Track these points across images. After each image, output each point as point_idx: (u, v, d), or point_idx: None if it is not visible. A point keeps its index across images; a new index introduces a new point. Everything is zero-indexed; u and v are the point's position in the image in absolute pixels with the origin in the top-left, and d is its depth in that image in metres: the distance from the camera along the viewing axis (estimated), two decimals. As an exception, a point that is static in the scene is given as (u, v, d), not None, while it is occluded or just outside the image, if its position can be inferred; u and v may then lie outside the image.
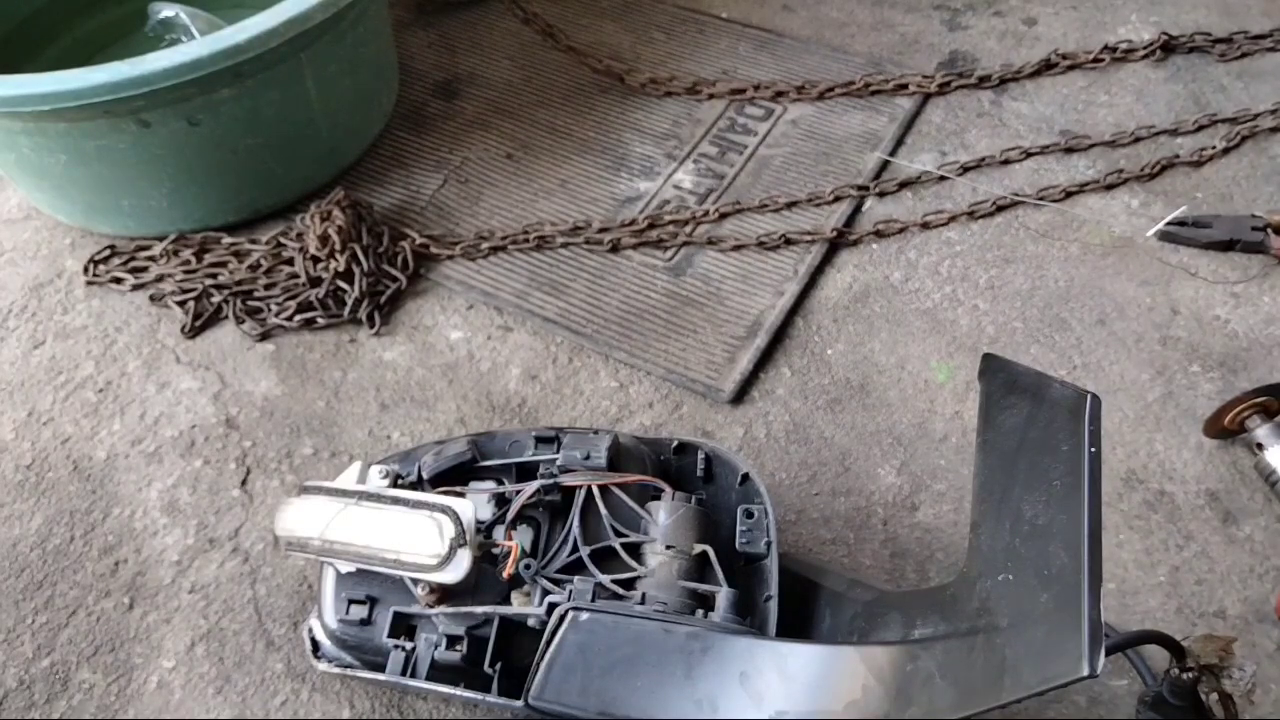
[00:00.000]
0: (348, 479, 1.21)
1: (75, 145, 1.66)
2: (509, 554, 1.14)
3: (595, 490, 1.19)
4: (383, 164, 1.99)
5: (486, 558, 1.14)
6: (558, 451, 1.23)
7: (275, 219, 1.88)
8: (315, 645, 1.25)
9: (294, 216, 1.84)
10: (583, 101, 2.10)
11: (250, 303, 1.74)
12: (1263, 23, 2.15)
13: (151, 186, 1.75)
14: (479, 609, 1.15)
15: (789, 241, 1.79)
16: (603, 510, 1.18)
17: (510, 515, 1.18)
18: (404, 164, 1.99)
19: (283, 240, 1.80)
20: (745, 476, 1.25)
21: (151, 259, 1.81)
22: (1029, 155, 1.92)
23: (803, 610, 1.21)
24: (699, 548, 1.16)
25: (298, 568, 1.43)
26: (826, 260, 1.79)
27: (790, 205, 1.85)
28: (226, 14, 1.94)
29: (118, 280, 1.79)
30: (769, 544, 1.18)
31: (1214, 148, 1.89)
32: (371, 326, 1.71)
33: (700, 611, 1.11)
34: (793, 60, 2.16)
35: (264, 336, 1.71)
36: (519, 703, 1.09)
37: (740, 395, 1.60)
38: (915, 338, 1.67)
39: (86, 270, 1.81)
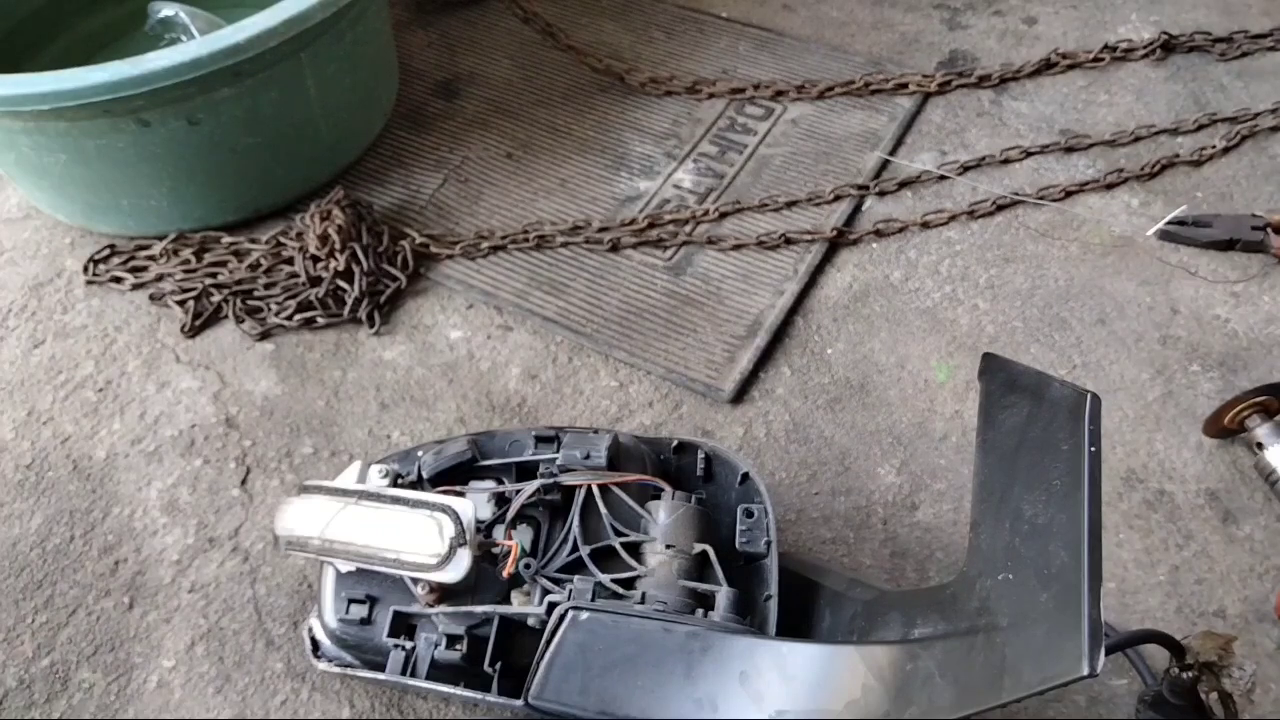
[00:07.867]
0: (347, 478, 1.21)
1: (75, 145, 1.66)
2: (509, 553, 1.14)
3: (595, 490, 1.19)
4: (383, 163, 1.99)
5: (486, 557, 1.14)
6: (558, 451, 1.23)
7: (275, 218, 1.89)
8: (315, 644, 1.25)
9: (294, 216, 1.84)
10: (583, 101, 2.10)
11: (250, 302, 1.74)
12: (1263, 22, 2.15)
13: (151, 186, 1.75)
14: (479, 608, 1.15)
15: (789, 241, 1.79)
16: (603, 510, 1.18)
17: (510, 515, 1.18)
18: (404, 163, 1.99)
19: (282, 240, 1.80)
20: (745, 476, 1.25)
21: (151, 258, 1.81)
22: (1029, 154, 1.92)
23: (803, 610, 1.21)
24: (699, 547, 1.16)
25: (298, 567, 1.43)
26: (826, 260, 1.79)
27: (790, 205, 1.85)
28: (226, 13, 1.93)
29: (117, 280, 1.79)
30: (769, 543, 1.18)
31: (1214, 147, 1.89)
32: (371, 326, 1.71)
33: (700, 611, 1.11)
34: (793, 59, 2.16)
35: (264, 336, 1.71)
36: (519, 702, 1.09)
37: (740, 395, 1.60)
38: (915, 337, 1.67)
39: (86, 270, 1.81)
